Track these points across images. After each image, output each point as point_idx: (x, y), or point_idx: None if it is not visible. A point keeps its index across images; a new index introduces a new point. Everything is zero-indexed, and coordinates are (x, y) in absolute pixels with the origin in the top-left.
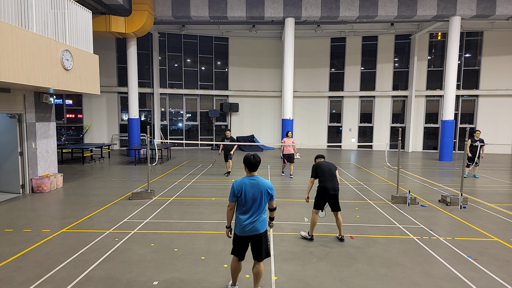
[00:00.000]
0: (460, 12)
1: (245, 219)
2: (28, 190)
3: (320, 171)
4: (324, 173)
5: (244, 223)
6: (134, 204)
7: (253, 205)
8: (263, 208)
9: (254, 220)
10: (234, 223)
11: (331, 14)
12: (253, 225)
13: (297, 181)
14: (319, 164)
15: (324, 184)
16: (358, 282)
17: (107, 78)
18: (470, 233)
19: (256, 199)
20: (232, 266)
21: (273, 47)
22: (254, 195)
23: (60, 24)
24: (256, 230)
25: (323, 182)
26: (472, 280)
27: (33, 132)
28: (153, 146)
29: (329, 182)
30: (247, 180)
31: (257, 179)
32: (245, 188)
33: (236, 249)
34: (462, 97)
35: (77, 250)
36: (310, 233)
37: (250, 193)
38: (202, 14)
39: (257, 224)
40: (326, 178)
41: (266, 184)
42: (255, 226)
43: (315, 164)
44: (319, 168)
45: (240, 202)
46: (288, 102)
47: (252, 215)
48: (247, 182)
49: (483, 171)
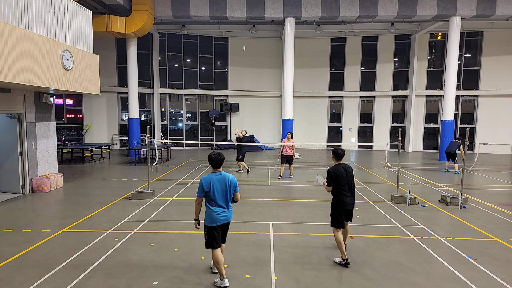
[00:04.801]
0: (460, 12)
1: (219, 211)
2: (28, 190)
3: (336, 179)
4: (340, 183)
5: (218, 214)
6: (134, 204)
7: (223, 197)
8: (230, 198)
9: (226, 210)
10: (206, 216)
11: (331, 14)
12: (226, 215)
13: (297, 181)
14: (335, 170)
15: (341, 198)
16: (358, 282)
17: (107, 78)
18: (470, 233)
19: (224, 192)
20: (217, 258)
21: (273, 47)
22: (222, 189)
23: (60, 24)
24: (227, 218)
25: (340, 195)
26: (472, 280)
27: (33, 132)
28: (153, 146)
29: (349, 195)
30: (214, 176)
31: (223, 174)
32: (213, 183)
33: (212, 240)
34: (462, 97)
35: (77, 250)
36: (343, 256)
37: (219, 187)
38: (202, 14)
39: (229, 213)
40: (343, 190)
41: (231, 178)
42: (227, 216)
43: (331, 169)
44: (335, 176)
45: (211, 197)
46: (288, 102)
47: (224, 206)
48: (214, 178)
49: (483, 171)
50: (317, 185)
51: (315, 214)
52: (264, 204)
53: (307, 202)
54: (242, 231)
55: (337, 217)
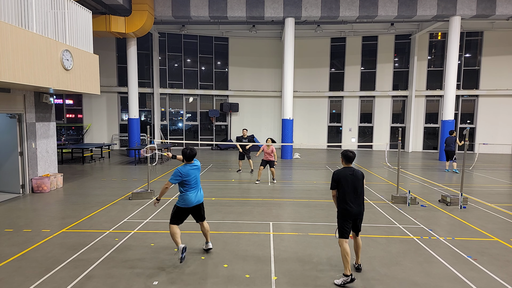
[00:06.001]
0: (460, 12)
1: (193, 195)
2: (28, 190)
3: (341, 185)
4: (345, 189)
5: (192, 198)
6: (134, 204)
7: (196, 183)
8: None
9: (198, 194)
10: (180, 199)
11: (331, 14)
12: (198, 197)
13: (297, 181)
14: (340, 175)
15: (346, 206)
16: (358, 282)
17: (107, 78)
18: (470, 233)
19: (197, 178)
20: (175, 231)
21: (273, 47)
22: (196, 176)
23: (60, 24)
24: (199, 200)
25: (345, 202)
26: (472, 280)
27: (33, 132)
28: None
29: (353, 203)
30: (189, 166)
31: (196, 163)
32: (190, 172)
33: (178, 219)
34: (462, 97)
35: (77, 250)
36: (346, 272)
37: (193, 175)
38: (202, 14)
39: (200, 196)
40: (348, 197)
41: (199, 164)
42: (199, 198)
43: (336, 173)
44: (339, 181)
45: (187, 184)
46: (288, 102)
47: (197, 191)
48: (189, 168)
49: (483, 171)
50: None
51: (315, 214)
52: (264, 204)
53: (307, 202)
54: (242, 231)
55: (342, 226)
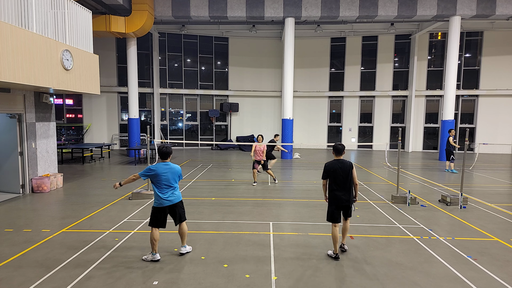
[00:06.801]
0: (460, 12)
1: (164, 196)
2: (28, 190)
3: (331, 175)
4: (336, 179)
5: (164, 197)
6: (134, 204)
7: (168, 184)
8: (176, 184)
9: (170, 194)
10: (154, 198)
11: (331, 14)
12: (170, 198)
13: (297, 181)
14: (331, 166)
15: (336, 193)
16: (358, 282)
17: (107, 78)
18: (470, 233)
19: (169, 179)
20: (153, 236)
21: (273, 47)
22: (168, 177)
23: (60, 24)
24: (172, 201)
25: (335, 190)
26: (472, 280)
27: (33, 132)
28: (153, 146)
29: (343, 190)
30: (162, 165)
31: (170, 164)
32: (160, 171)
33: (156, 219)
34: (462, 97)
35: (77, 250)
36: (335, 251)
37: (165, 175)
38: (202, 14)
39: (173, 197)
40: (338, 185)
41: (177, 168)
42: (171, 199)
43: (327, 164)
44: (330, 172)
45: (157, 182)
46: (288, 102)
47: (169, 191)
48: (161, 166)
49: (483, 171)
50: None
51: (315, 214)
52: (264, 204)
53: (307, 202)
54: (242, 231)
55: (332, 212)
